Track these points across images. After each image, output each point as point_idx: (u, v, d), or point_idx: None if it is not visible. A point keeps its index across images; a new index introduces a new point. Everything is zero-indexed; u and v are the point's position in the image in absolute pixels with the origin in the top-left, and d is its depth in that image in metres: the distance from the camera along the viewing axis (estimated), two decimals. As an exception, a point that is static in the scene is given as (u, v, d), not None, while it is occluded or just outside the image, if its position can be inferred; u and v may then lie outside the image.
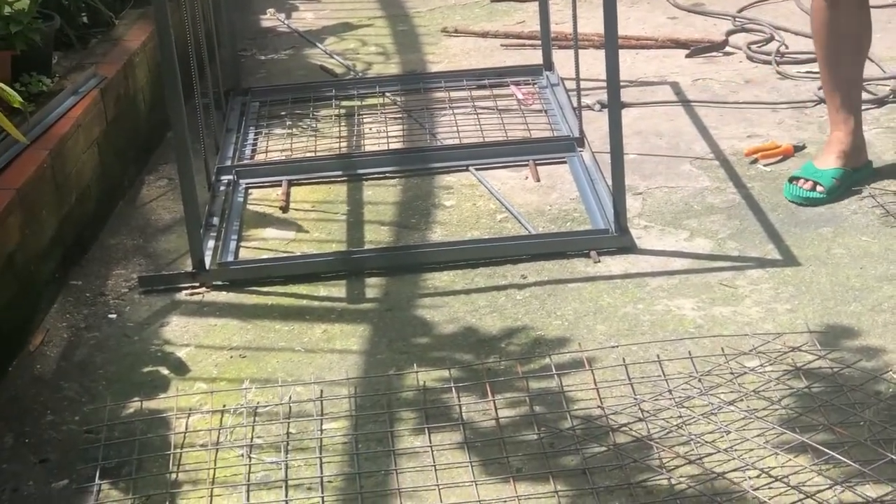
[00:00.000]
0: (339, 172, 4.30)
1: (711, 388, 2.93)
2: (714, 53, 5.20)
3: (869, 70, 4.75)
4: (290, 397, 3.05)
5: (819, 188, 3.84)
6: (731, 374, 2.98)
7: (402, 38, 5.72)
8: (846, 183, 3.87)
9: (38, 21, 4.12)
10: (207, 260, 3.66)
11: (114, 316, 3.50)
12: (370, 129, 4.67)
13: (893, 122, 4.38)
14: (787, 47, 5.14)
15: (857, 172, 3.92)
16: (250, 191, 4.21)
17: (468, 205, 4.01)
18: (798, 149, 4.19)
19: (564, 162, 4.23)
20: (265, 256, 3.78)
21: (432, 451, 2.82)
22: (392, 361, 3.19)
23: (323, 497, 2.70)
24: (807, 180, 3.87)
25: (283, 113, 4.86)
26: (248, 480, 2.77)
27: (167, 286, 3.62)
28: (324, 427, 2.93)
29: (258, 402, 3.05)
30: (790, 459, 2.68)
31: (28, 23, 4.02)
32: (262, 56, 5.61)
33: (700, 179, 4.08)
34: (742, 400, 2.88)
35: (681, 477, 2.66)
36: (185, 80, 3.64)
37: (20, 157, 3.58)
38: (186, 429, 2.96)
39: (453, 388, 3.02)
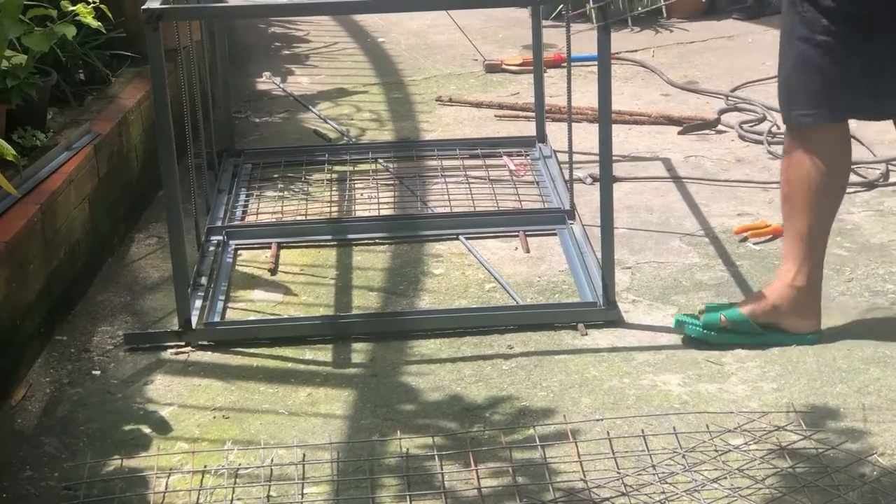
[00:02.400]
0: (329, 237, 4.30)
1: (695, 464, 2.92)
2: (706, 131, 5.23)
3: (859, 153, 4.79)
4: (271, 460, 3.03)
5: (700, 318, 3.51)
6: (716, 451, 2.97)
7: (397, 106, 5.75)
8: (742, 333, 3.48)
9: (35, 76, 4.14)
10: (194, 319, 3.65)
11: (98, 372, 3.49)
12: (361, 194, 4.68)
13: (882, 205, 4.40)
14: (778, 128, 5.17)
15: (769, 335, 3.48)
16: (239, 252, 4.21)
17: (457, 273, 4.02)
18: (787, 228, 4.20)
19: (554, 234, 4.23)
20: (252, 318, 3.77)
21: (413, 519, 2.80)
22: (376, 427, 3.18)
23: (301, 562, 2.68)
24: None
25: (275, 175, 4.87)
26: (227, 543, 2.75)
27: (153, 344, 3.61)
28: (305, 491, 2.91)
29: (239, 464, 3.02)
30: (773, 539, 2.67)
31: (25, 77, 4.03)
32: (256, 118, 5.63)
33: (689, 256, 4.08)
34: (726, 478, 2.87)
35: (662, 553, 2.65)
36: (178, 140, 3.65)
37: (10, 211, 3.58)
38: (166, 488, 2.93)
39: (436, 456, 3.00)
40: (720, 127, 5.25)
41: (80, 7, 4.11)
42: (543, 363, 3.45)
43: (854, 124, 3.45)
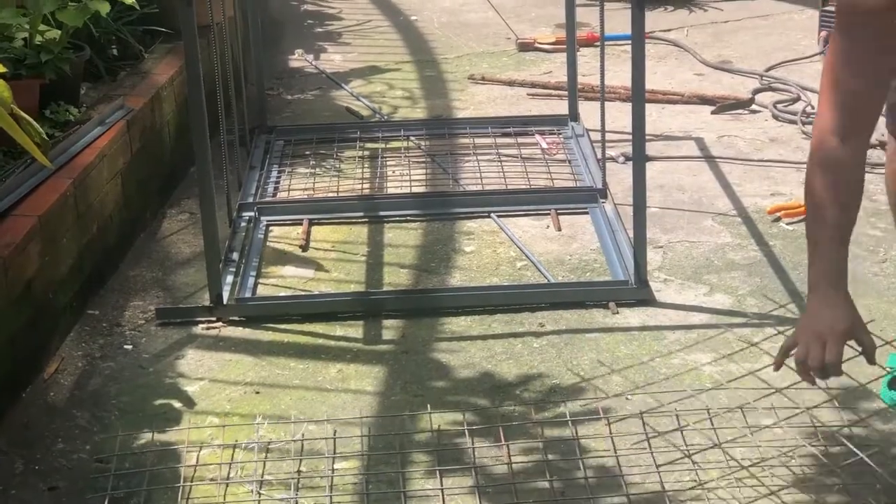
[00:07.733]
0: (361, 213, 4.31)
1: (727, 444, 2.91)
2: (740, 111, 5.20)
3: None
4: (302, 435, 3.04)
5: None
6: (748, 429, 2.95)
7: (429, 84, 5.74)
8: None
9: (69, 51, 4.15)
10: (225, 295, 3.66)
11: (129, 347, 3.50)
12: (393, 171, 4.67)
13: None
14: (812, 108, 5.13)
15: None
16: (271, 228, 4.21)
17: (488, 251, 4.01)
18: (821, 209, 4.17)
19: (586, 212, 4.22)
20: (283, 294, 3.78)
21: (443, 494, 2.80)
22: (406, 403, 3.18)
23: (331, 536, 2.69)
24: None
25: (307, 152, 4.87)
26: (257, 517, 2.76)
27: (184, 319, 3.62)
28: (335, 466, 2.92)
29: (270, 439, 3.03)
30: (804, 519, 2.66)
31: (59, 52, 4.05)
32: (288, 96, 5.63)
33: (722, 235, 4.06)
34: (758, 457, 2.86)
35: (692, 532, 2.64)
36: (211, 116, 3.65)
37: (43, 185, 3.59)
38: (197, 462, 2.94)
39: (467, 433, 3.00)
40: (754, 107, 5.22)
41: (113, -18, 4.12)
42: (574, 341, 3.44)
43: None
